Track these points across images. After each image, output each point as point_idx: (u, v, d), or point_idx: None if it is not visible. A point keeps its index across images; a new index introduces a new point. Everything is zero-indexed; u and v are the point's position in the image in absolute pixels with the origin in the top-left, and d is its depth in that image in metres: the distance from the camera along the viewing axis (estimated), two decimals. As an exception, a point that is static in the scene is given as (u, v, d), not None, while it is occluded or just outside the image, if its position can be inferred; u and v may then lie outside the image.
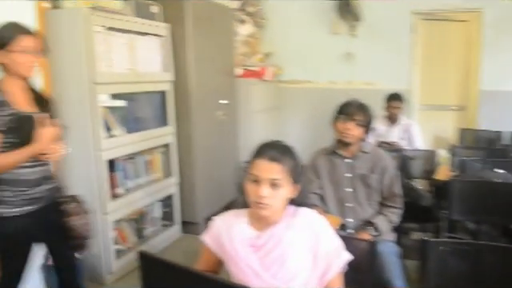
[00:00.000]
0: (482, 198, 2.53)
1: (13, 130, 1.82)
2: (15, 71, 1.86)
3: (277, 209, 1.42)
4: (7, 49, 1.82)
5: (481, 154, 3.72)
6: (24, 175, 1.88)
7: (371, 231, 2.20)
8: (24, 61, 1.85)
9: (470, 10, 4.78)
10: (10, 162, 1.81)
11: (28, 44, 1.85)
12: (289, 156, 1.44)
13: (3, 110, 1.81)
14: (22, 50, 1.83)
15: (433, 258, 1.65)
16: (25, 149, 1.83)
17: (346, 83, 5.08)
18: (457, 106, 5.10)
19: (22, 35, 1.84)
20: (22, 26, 1.88)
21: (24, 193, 1.89)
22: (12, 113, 1.82)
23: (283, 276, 1.39)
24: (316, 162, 2.41)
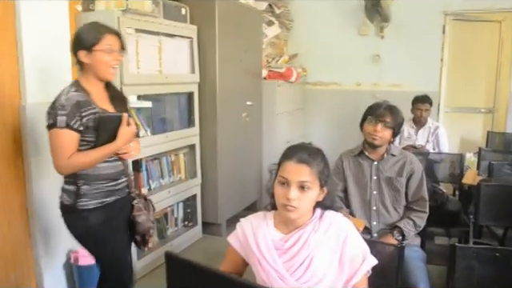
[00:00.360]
0: (510, 203, 2.48)
1: (92, 129, 1.85)
2: (97, 71, 1.91)
3: (304, 211, 1.43)
4: (93, 49, 1.86)
5: (509, 157, 3.64)
6: (104, 169, 1.93)
7: (396, 235, 2.18)
8: (108, 60, 1.89)
9: (503, 10, 4.69)
10: (92, 159, 1.86)
11: (111, 43, 1.90)
12: (318, 159, 1.44)
13: (88, 109, 1.84)
14: (107, 49, 1.88)
15: (460, 264, 1.63)
16: (107, 146, 1.88)
17: (372, 85, 5.04)
18: (485, 108, 5.00)
19: (107, 34, 1.89)
20: (107, 26, 1.93)
21: (104, 185, 1.95)
22: (96, 111, 1.86)
23: (308, 279, 1.39)
24: (342, 164, 2.41)
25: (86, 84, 1.91)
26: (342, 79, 5.23)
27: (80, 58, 1.89)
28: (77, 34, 1.93)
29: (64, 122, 1.80)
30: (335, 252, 1.42)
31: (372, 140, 2.28)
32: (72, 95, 1.84)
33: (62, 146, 1.82)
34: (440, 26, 4.84)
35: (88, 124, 1.84)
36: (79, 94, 1.86)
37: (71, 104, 1.80)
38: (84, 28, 1.94)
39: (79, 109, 1.82)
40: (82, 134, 1.85)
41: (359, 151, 2.39)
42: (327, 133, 5.24)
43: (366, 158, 2.35)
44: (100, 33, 1.88)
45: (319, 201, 1.46)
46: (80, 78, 1.95)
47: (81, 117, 1.82)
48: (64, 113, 1.80)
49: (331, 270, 1.41)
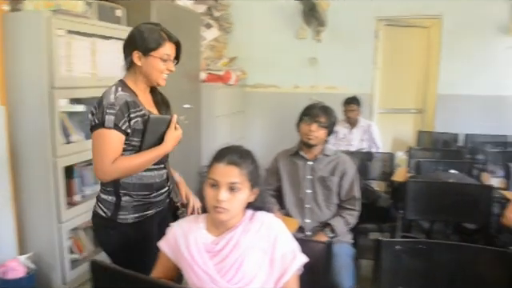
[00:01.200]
0: (436, 198, 2.64)
1: (138, 133, 1.71)
2: (148, 76, 1.78)
3: (235, 213, 1.44)
4: (150, 54, 1.74)
5: (437, 155, 3.87)
6: (149, 178, 1.79)
7: (328, 233, 2.26)
8: (162, 68, 1.77)
9: (430, 16, 4.98)
10: (139, 163, 1.70)
11: (170, 52, 1.78)
12: (247, 160, 1.46)
13: (137, 110, 1.71)
14: (164, 58, 1.76)
15: (387, 258, 1.70)
16: (156, 149, 1.73)
17: (310, 87, 5.18)
18: (415, 109, 5.28)
19: (168, 43, 1.78)
20: (168, 32, 1.81)
21: (146, 197, 1.79)
22: (144, 114, 1.72)
23: (239, 280, 1.40)
24: (277, 164, 2.47)
25: (132, 85, 1.79)
26: (280, 82, 5.33)
27: (133, 58, 1.75)
28: (136, 34, 1.77)
29: (112, 122, 1.64)
30: (266, 252, 1.44)
31: (307, 140, 2.35)
32: (121, 94, 1.69)
33: (108, 148, 1.64)
34: (373, 30, 5.05)
35: (135, 126, 1.70)
36: (127, 94, 1.72)
37: (120, 103, 1.66)
38: (145, 29, 1.77)
39: (128, 109, 1.67)
40: (128, 137, 1.70)
41: (295, 151, 2.45)
42: (266, 135, 5.32)
43: (301, 157, 2.42)
44: (162, 39, 1.75)
45: (250, 202, 1.48)
46: (126, 78, 1.81)
47: (129, 118, 1.68)
48: (113, 112, 1.64)
49: (262, 270, 1.43)
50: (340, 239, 2.27)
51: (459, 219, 2.79)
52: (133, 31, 1.79)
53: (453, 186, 2.76)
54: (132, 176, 1.74)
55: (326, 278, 1.59)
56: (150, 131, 1.71)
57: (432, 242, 1.77)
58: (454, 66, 4.88)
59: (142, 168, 1.73)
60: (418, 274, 1.73)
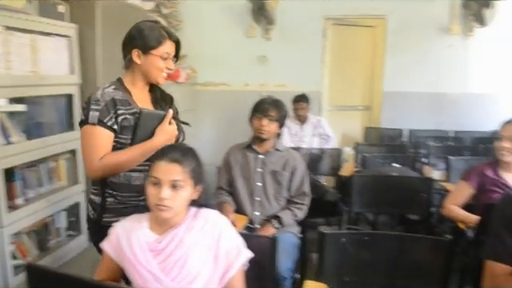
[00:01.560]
0: (381, 191, 2.73)
1: (128, 130, 1.67)
2: (147, 74, 1.74)
3: (178, 211, 1.44)
4: (150, 52, 1.70)
5: (382, 150, 4.01)
6: (136, 180, 1.72)
7: (275, 224, 2.30)
8: (161, 66, 1.73)
9: (375, 16, 5.13)
10: (127, 158, 1.65)
11: (170, 51, 1.74)
12: (190, 157, 1.46)
13: (127, 108, 1.67)
14: (164, 56, 1.72)
15: (333, 250, 1.74)
16: (144, 143, 1.66)
17: (260, 85, 5.21)
18: (363, 106, 5.44)
19: (168, 41, 1.73)
20: (168, 31, 1.76)
21: (133, 199, 1.73)
22: (135, 112, 1.68)
23: (184, 278, 1.40)
24: (229, 157, 2.50)
25: (129, 83, 1.76)
26: (230, 80, 5.33)
27: (132, 56, 1.72)
28: (135, 31, 1.74)
29: (96, 118, 1.62)
30: (210, 249, 1.45)
31: (260, 134, 2.40)
32: (108, 91, 1.67)
33: (93, 144, 1.62)
34: (321, 29, 5.16)
35: (124, 124, 1.66)
36: (117, 92, 1.69)
37: (106, 100, 1.64)
38: (145, 26, 1.73)
39: (115, 106, 1.65)
40: (117, 135, 1.66)
41: (247, 144, 2.50)
42: (218, 132, 5.31)
43: (253, 150, 2.47)
44: (162, 37, 1.71)
45: (194, 199, 1.48)
46: (124, 76, 1.78)
47: (116, 114, 1.65)
48: (97, 108, 1.63)
49: (206, 267, 1.43)
50: (285, 229, 2.32)
51: (402, 211, 2.90)
52: (132, 29, 1.76)
53: (395, 179, 2.87)
54: (120, 176, 1.70)
55: (272, 272, 1.61)
56: (141, 126, 1.67)
57: (373, 233, 1.84)
58: (399, 64, 5.07)
59: (131, 164, 1.68)
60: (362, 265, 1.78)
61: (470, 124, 4.89)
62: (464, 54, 5.02)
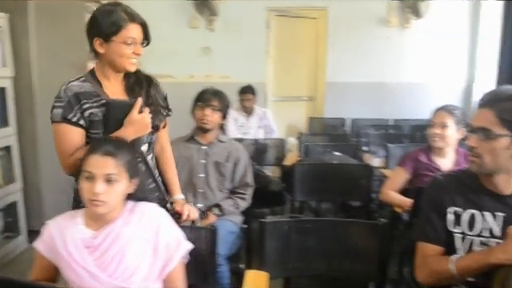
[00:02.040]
0: (322, 179, 2.80)
1: (99, 124, 1.59)
2: (113, 63, 1.62)
3: (113, 205, 1.40)
4: (111, 39, 1.56)
5: (325, 139, 4.10)
6: None
7: (215, 211, 2.30)
8: (127, 53, 1.60)
9: (317, 8, 5.23)
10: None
11: (134, 35, 1.60)
12: (124, 150, 1.43)
13: (94, 101, 1.59)
14: (128, 41, 1.58)
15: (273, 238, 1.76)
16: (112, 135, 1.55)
17: (205, 77, 5.17)
18: (307, 96, 5.54)
19: (130, 24, 1.59)
20: (131, 12, 1.61)
21: None
22: (103, 103, 1.59)
23: (122, 274, 1.38)
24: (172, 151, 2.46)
25: (100, 74, 1.65)
26: (175, 72, 5.24)
27: (95, 46, 1.60)
28: (93, 18, 1.60)
29: (60, 116, 1.56)
30: (149, 242, 1.43)
31: (203, 124, 2.38)
32: (71, 85, 1.60)
33: (61, 141, 1.58)
34: (264, 20, 5.18)
35: (92, 118, 1.58)
36: (84, 84, 1.61)
37: (69, 95, 1.57)
38: (102, 11, 1.59)
39: (79, 101, 1.57)
40: (87, 130, 1.59)
41: (190, 136, 2.47)
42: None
43: (196, 142, 2.45)
44: (122, 20, 1.57)
45: (130, 193, 1.45)
46: (95, 66, 1.68)
47: (82, 109, 1.57)
48: (60, 105, 1.57)
49: (145, 261, 1.41)
50: (226, 217, 2.33)
51: (343, 198, 2.99)
52: (90, 18, 1.62)
53: (336, 167, 2.95)
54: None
55: (213, 263, 1.62)
56: (111, 118, 1.59)
57: (312, 220, 1.89)
58: (340, 55, 5.20)
59: None
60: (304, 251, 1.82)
61: (408, 112, 5.11)
62: (401, 45, 5.23)
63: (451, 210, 1.45)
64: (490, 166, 1.38)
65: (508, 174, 1.39)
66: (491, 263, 1.26)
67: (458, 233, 1.44)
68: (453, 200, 1.46)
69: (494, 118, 1.34)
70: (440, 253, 1.46)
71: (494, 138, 1.34)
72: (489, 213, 1.41)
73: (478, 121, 1.39)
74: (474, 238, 1.42)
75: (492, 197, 1.42)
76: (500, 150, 1.34)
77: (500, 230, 1.39)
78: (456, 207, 1.45)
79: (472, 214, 1.43)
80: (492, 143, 1.35)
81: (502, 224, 1.39)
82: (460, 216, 1.44)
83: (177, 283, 1.48)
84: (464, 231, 1.43)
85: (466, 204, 1.44)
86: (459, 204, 1.45)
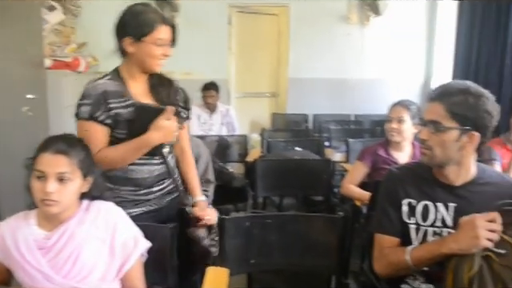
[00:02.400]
0: (284, 174, 2.82)
1: (124, 124, 1.59)
2: (142, 63, 1.64)
3: (67, 205, 1.36)
4: (142, 39, 1.58)
5: (288, 135, 4.14)
6: (134, 173, 1.65)
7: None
8: (157, 54, 1.62)
9: (278, 4, 5.25)
10: (121, 153, 1.59)
11: (165, 36, 1.62)
12: (77, 148, 1.39)
13: (120, 101, 1.59)
14: (158, 43, 1.60)
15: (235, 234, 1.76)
16: (138, 138, 1.56)
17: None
18: (269, 92, 5.57)
19: (161, 25, 1.60)
20: (161, 14, 1.63)
21: (131, 194, 1.67)
22: (130, 104, 1.59)
23: (77, 274, 1.34)
24: None
25: (126, 73, 1.67)
26: (135, 68, 5.14)
27: (124, 45, 1.62)
28: (125, 18, 1.63)
29: (87, 113, 1.57)
30: (105, 241, 1.40)
31: None
32: (99, 83, 1.60)
33: (86, 139, 1.51)
34: (226, 17, 5.16)
35: (118, 118, 1.58)
36: (111, 82, 1.62)
37: (97, 93, 1.57)
38: (134, 12, 1.62)
39: (106, 100, 1.57)
40: (112, 129, 1.59)
41: None
42: None
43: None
44: (154, 22, 1.59)
45: (85, 192, 1.42)
46: (121, 65, 1.69)
47: (108, 109, 1.57)
48: (87, 102, 1.57)
49: (101, 260, 1.38)
50: None
51: (305, 192, 3.03)
52: (121, 15, 1.64)
53: (297, 162, 2.98)
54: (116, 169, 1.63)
55: (173, 260, 1.60)
56: (137, 121, 1.59)
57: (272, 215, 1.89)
58: (302, 52, 5.26)
59: (126, 159, 1.61)
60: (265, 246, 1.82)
61: (368, 107, 5.22)
62: (362, 42, 5.33)
63: (406, 202, 1.49)
64: (440, 158, 1.42)
65: (458, 166, 1.43)
66: (444, 253, 1.29)
67: (412, 224, 1.48)
68: (407, 192, 1.49)
69: (444, 112, 1.38)
70: (396, 244, 1.49)
71: (443, 130, 1.38)
72: (441, 203, 1.45)
73: (429, 114, 1.43)
74: (428, 228, 1.46)
75: (444, 188, 1.46)
76: (449, 143, 1.38)
77: (452, 220, 1.43)
78: (410, 199, 1.49)
79: (425, 205, 1.47)
80: (442, 136, 1.39)
81: (453, 214, 1.43)
82: (414, 207, 1.48)
83: (135, 282, 1.45)
84: (418, 222, 1.47)
85: (419, 195, 1.48)
86: (413, 196, 1.48)
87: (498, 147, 2.61)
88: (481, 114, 1.36)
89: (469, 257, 1.22)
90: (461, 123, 1.36)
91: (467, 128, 1.36)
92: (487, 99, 1.37)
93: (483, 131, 1.38)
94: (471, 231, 1.22)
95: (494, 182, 1.47)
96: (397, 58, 5.37)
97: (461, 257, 1.24)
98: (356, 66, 5.35)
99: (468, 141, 1.38)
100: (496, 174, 1.56)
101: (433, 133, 1.40)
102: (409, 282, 1.50)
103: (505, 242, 1.18)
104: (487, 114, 1.36)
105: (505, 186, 1.47)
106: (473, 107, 1.35)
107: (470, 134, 1.37)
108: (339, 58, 5.33)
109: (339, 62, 5.33)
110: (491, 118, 1.37)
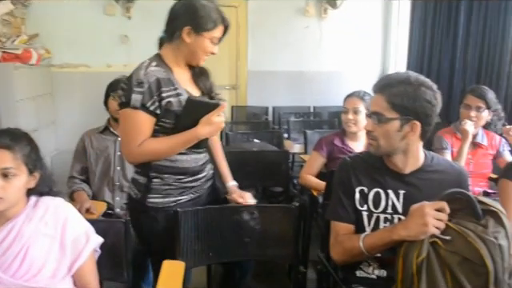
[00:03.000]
0: (242, 166, 2.79)
1: (172, 114, 1.57)
2: (192, 54, 1.66)
3: (12, 202, 1.32)
4: (202, 34, 1.61)
5: (248, 127, 4.14)
6: (182, 163, 1.66)
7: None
8: (208, 50, 1.66)
9: (237, -4, 5.21)
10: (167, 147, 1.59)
11: (219, 35, 1.67)
12: (22, 142, 1.34)
13: (170, 89, 1.57)
14: (213, 40, 1.65)
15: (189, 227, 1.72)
16: (187, 132, 1.57)
17: (123, 66, 4.96)
18: (230, 85, 5.54)
19: (222, 26, 1.66)
20: (222, 14, 1.66)
21: (178, 181, 1.68)
22: (179, 93, 1.59)
23: (26, 272, 1.31)
24: (84, 142, 2.38)
25: (171, 60, 1.65)
26: (91, 61, 4.99)
27: (182, 33, 1.60)
28: (192, 8, 1.61)
29: (139, 102, 1.53)
30: (54, 238, 1.36)
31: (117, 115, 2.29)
32: (152, 70, 1.56)
33: (133, 129, 1.55)
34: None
35: (168, 107, 1.56)
36: (160, 69, 1.58)
37: (150, 81, 1.53)
38: (203, 5, 1.61)
39: (159, 88, 1.54)
40: (159, 119, 1.57)
41: (104, 127, 2.40)
42: (80, 117, 4.90)
43: (111, 133, 2.38)
44: (217, 20, 1.63)
45: (32, 188, 1.37)
46: (164, 51, 1.67)
47: (160, 98, 1.55)
48: (140, 90, 1.52)
49: (51, 257, 1.35)
50: None
51: (265, 184, 3.04)
52: (188, 4, 1.64)
53: (256, 154, 2.99)
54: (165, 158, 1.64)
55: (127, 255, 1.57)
56: (189, 114, 1.57)
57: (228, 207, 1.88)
58: (261, 44, 5.26)
59: (171, 152, 1.62)
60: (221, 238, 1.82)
61: (327, 99, 5.29)
62: (320, 35, 5.38)
63: (358, 190, 1.53)
64: (385, 147, 1.46)
65: (405, 155, 1.48)
66: (394, 240, 1.33)
67: (364, 211, 1.52)
68: (359, 180, 1.53)
69: (385, 103, 1.42)
70: (351, 231, 1.53)
71: (385, 121, 1.42)
72: (391, 191, 1.50)
73: (373, 106, 1.48)
74: (380, 214, 1.50)
75: (394, 176, 1.51)
76: (392, 133, 1.43)
77: (402, 207, 1.48)
78: (362, 186, 1.53)
79: (377, 192, 1.51)
80: (385, 126, 1.43)
81: (403, 201, 1.49)
82: (366, 195, 1.52)
83: (88, 278, 1.43)
84: (370, 209, 1.51)
85: (371, 183, 1.52)
86: (365, 183, 1.53)
87: (448, 136, 2.70)
88: (421, 103, 1.39)
89: (417, 243, 1.26)
90: (401, 113, 1.40)
91: (408, 118, 1.40)
92: (427, 88, 1.40)
93: (425, 120, 1.41)
94: (420, 219, 1.25)
95: (442, 169, 1.53)
96: (354, 50, 5.46)
97: (410, 243, 1.28)
98: (314, 58, 5.40)
99: (410, 130, 1.42)
100: (444, 161, 1.61)
101: (376, 124, 1.45)
102: (363, 269, 1.55)
103: (450, 229, 1.23)
104: (427, 102, 1.39)
105: (452, 174, 1.53)
106: (412, 97, 1.39)
107: (411, 123, 1.41)
108: (298, 50, 5.36)
109: (298, 54, 5.36)
110: (432, 106, 1.41)
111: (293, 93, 5.36)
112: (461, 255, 1.18)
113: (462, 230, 1.20)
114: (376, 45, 5.56)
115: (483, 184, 2.61)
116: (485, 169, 2.64)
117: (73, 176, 2.34)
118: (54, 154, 4.70)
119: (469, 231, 1.19)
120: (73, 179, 2.33)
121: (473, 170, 2.58)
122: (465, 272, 1.17)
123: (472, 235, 1.18)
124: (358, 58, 5.48)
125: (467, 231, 1.19)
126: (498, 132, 2.71)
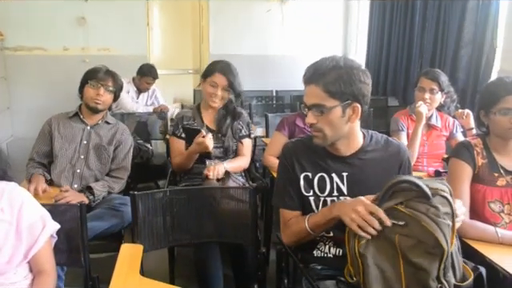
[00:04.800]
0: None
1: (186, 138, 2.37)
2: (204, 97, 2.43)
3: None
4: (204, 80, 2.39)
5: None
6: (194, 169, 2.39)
7: (88, 194, 2.18)
8: (210, 92, 2.36)
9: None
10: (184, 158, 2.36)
11: (217, 81, 2.34)
12: None
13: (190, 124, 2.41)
14: (212, 84, 2.35)
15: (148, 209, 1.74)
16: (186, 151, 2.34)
17: (81, 49, 4.85)
18: (193, 69, 5.50)
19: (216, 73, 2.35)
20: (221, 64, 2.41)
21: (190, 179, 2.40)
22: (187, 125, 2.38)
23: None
24: (51, 127, 2.32)
25: (202, 104, 2.50)
26: (46, 44, 4.81)
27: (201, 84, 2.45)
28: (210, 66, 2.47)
29: (171, 131, 2.51)
30: (11, 223, 1.34)
31: (95, 104, 2.28)
32: (180, 112, 2.60)
33: (171, 149, 2.48)
34: (142, -9, 4.97)
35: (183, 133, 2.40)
36: (188, 111, 2.53)
37: (177, 118, 2.50)
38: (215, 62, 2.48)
39: (182, 121, 2.43)
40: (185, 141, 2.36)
41: (74, 113, 2.35)
42: (37, 102, 4.75)
43: (81, 121, 2.34)
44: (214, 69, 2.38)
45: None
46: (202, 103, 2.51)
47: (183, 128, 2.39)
48: (172, 124, 2.59)
49: (8, 243, 1.33)
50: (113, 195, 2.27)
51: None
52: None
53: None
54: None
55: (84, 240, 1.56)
56: (189, 137, 2.30)
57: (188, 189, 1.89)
58: (223, 28, 5.22)
59: (187, 163, 2.36)
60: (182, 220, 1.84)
61: (289, 83, 5.30)
62: (281, 19, 5.39)
63: (303, 176, 1.53)
64: (332, 136, 1.46)
65: (347, 139, 1.50)
66: (333, 216, 1.36)
67: (311, 196, 1.53)
68: (303, 166, 1.54)
69: (322, 93, 1.39)
70: (298, 216, 1.54)
71: (327, 111, 1.40)
72: (335, 174, 1.51)
73: (310, 98, 1.44)
74: (327, 198, 1.51)
75: (336, 159, 1.52)
76: (336, 120, 1.42)
77: (347, 189, 1.50)
78: (307, 172, 1.53)
79: (321, 176, 1.52)
80: (328, 116, 1.41)
81: (347, 183, 1.50)
82: (312, 180, 1.53)
83: (45, 265, 1.41)
84: (316, 193, 1.52)
85: (315, 169, 1.53)
86: (309, 169, 1.53)
87: (404, 118, 2.77)
88: (357, 85, 1.39)
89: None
90: (341, 99, 1.39)
91: (348, 102, 1.40)
92: (358, 69, 1.41)
93: (363, 100, 1.42)
94: (349, 210, 1.28)
95: (380, 147, 1.54)
96: (316, 34, 5.49)
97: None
98: (277, 42, 5.41)
99: (352, 113, 1.43)
100: (382, 138, 1.59)
101: (319, 115, 1.42)
102: (319, 248, 1.56)
103: (403, 214, 1.21)
104: (362, 83, 1.41)
105: (391, 150, 1.55)
106: (348, 81, 1.38)
107: (352, 106, 1.42)
108: (260, 34, 5.36)
109: (260, 38, 5.36)
110: (367, 85, 1.42)
111: (255, 77, 5.35)
112: (416, 238, 1.18)
113: (415, 214, 1.19)
114: (337, 29, 5.63)
115: (437, 164, 2.69)
116: (439, 149, 2.72)
117: (32, 158, 2.28)
118: (10, 140, 4.55)
119: (422, 215, 1.18)
120: (31, 161, 2.28)
121: (427, 150, 2.67)
122: (419, 253, 1.18)
123: (426, 219, 1.17)
124: (319, 42, 5.52)
125: (420, 215, 1.18)
126: (451, 114, 2.80)
